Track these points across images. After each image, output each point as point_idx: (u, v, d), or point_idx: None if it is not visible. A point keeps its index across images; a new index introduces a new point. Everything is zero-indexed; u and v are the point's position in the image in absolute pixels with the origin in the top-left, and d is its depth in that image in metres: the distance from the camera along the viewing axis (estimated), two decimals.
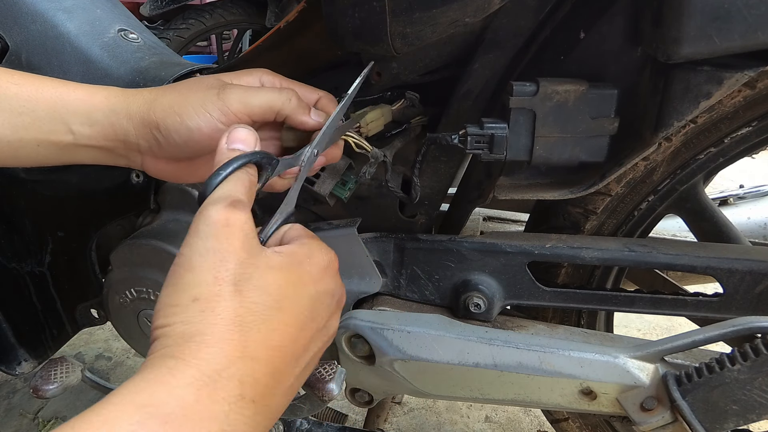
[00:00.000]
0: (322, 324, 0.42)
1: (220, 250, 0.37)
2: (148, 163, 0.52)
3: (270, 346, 0.36)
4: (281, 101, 0.49)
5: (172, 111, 0.48)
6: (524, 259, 0.62)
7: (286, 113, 0.50)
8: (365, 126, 0.57)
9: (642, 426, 0.57)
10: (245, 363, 0.35)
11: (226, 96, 0.48)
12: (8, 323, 0.81)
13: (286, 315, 0.38)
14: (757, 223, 1.01)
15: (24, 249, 0.78)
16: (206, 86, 0.49)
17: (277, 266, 0.39)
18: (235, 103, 0.48)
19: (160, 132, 0.48)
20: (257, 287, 0.37)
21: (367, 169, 0.59)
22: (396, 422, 1.27)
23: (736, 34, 0.41)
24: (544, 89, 0.51)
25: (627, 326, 1.61)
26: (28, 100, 0.48)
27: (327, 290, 0.42)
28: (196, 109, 0.47)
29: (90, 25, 0.69)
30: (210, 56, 4.12)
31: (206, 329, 0.35)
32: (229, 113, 0.47)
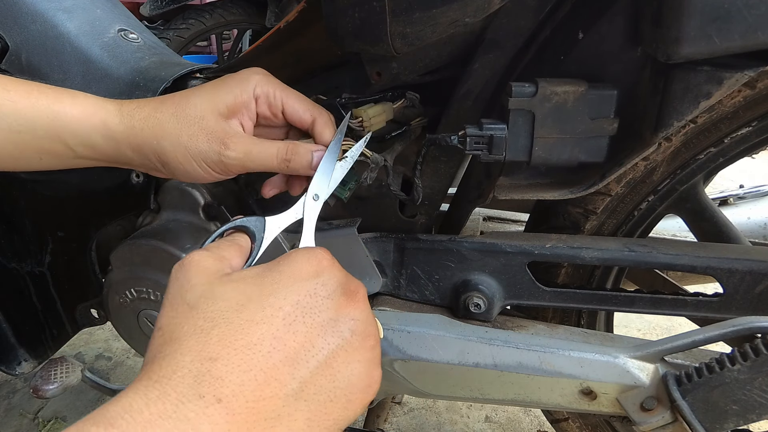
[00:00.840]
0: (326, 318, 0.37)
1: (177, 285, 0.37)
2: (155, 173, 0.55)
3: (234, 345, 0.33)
4: (278, 167, 0.52)
5: (176, 159, 0.50)
6: (524, 259, 0.62)
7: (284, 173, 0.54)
8: (368, 120, 0.57)
9: (642, 426, 0.57)
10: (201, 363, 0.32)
11: (227, 159, 0.50)
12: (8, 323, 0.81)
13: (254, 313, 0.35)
14: (757, 223, 1.01)
15: (24, 249, 0.78)
16: (207, 136, 0.50)
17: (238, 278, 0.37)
18: (234, 165, 0.50)
19: (165, 169, 0.52)
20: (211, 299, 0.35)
21: (368, 174, 0.59)
22: (396, 422, 1.27)
23: (736, 34, 0.41)
24: (543, 90, 0.51)
25: (627, 326, 1.61)
26: (26, 119, 0.48)
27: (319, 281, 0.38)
28: (199, 164, 0.50)
29: (90, 25, 0.69)
30: (210, 56, 4.12)
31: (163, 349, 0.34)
32: (227, 171, 0.51)
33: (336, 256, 0.67)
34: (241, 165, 0.50)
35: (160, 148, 0.50)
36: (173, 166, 0.50)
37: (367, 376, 0.37)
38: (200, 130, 0.50)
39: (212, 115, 0.50)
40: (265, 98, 0.52)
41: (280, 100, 0.53)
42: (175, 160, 0.50)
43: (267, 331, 0.34)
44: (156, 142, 0.50)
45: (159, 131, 0.50)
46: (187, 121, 0.50)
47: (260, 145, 0.51)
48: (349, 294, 0.39)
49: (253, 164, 0.51)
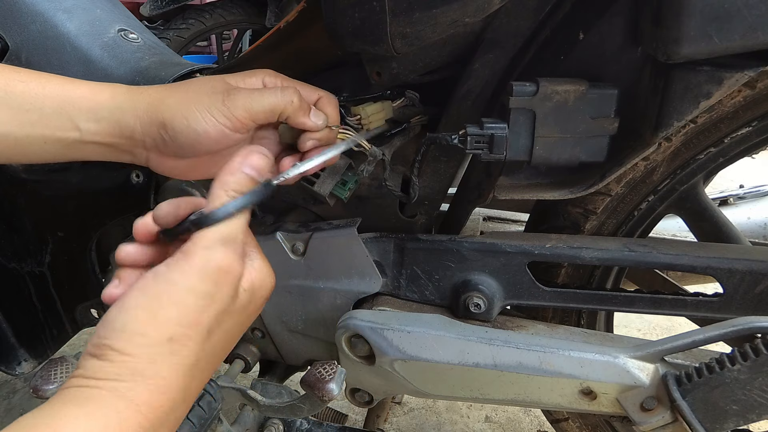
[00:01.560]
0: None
1: (213, 295, 0.37)
2: (153, 159, 0.53)
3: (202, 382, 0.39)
4: (283, 104, 0.50)
5: (180, 114, 0.49)
6: (524, 259, 0.62)
7: (288, 114, 0.51)
8: (366, 118, 0.57)
9: (642, 426, 0.57)
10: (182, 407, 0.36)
11: (231, 102, 0.49)
12: (8, 323, 0.81)
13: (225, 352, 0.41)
14: (757, 223, 1.01)
15: (24, 249, 0.78)
16: (212, 90, 0.50)
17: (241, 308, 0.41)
18: (239, 109, 0.49)
19: (167, 132, 0.49)
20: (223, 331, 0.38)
21: (365, 167, 0.59)
22: (396, 422, 1.27)
23: (736, 34, 0.41)
24: (543, 89, 0.51)
25: (627, 326, 1.61)
26: (35, 98, 0.48)
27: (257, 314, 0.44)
28: (202, 113, 0.48)
29: (90, 25, 0.69)
30: (210, 56, 4.12)
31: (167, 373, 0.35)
32: (233, 119, 0.49)
33: (336, 256, 0.67)
34: (245, 108, 0.49)
35: (164, 107, 0.49)
36: (177, 124, 0.48)
37: None
38: (205, 86, 0.50)
39: (219, 81, 0.51)
40: (272, 83, 0.54)
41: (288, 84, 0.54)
42: (178, 115, 0.48)
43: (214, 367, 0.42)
44: (160, 100, 0.49)
45: (165, 92, 0.50)
46: (193, 83, 0.51)
47: (263, 90, 0.51)
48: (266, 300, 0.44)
49: (257, 105, 0.49)
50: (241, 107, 0.49)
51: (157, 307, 0.36)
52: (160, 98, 0.50)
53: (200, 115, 0.48)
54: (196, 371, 0.37)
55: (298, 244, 0.67)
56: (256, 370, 0.86)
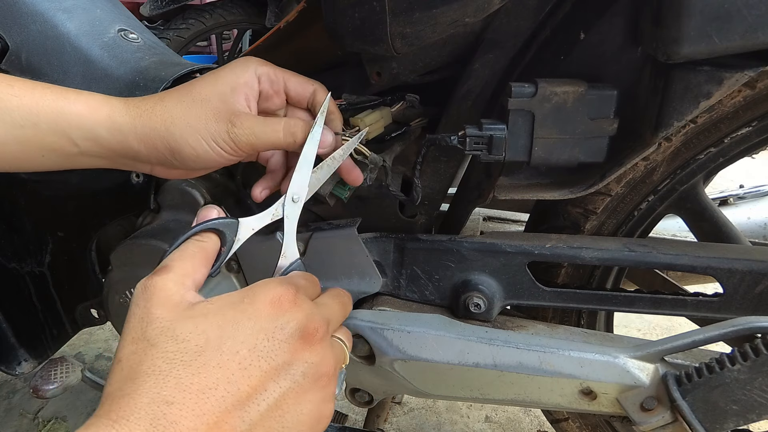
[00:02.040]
0: (281, 362, 0.38)
1: (139, 313, 0.38)
2: (157, 170, 0.54)
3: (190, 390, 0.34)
4: (285, 143, 0.52)
5: (186, 143, 0.50)
6: (524, 259, 0.62)
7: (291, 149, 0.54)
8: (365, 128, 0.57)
9: (642, 426, 0.57)
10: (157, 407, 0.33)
11: (236, 136, 0.50)
12: (8, 323, 0.81)
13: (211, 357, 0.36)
14: (757, 223, 1.01)
15: (24, 249, 0.78)
16: (215, 116, 0.50)
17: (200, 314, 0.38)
18: (243, 143, 0.51)
19: (174, 157, 0.51)
20: (172, 337, 0.36)
21: (368, 174, 0.59)
22: (396, 422, 1.27)
23: (736, 34, 0.41)
24: (542, 90, 0.51)
25: (627, 326, 1.61)
26: (30, 114, 0.47)
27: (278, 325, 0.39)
28: (209, 143, 0.50)
29: (90, 25, 0.69)
30: (210, 56, 4.12)
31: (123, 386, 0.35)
32: (237, 150, 0.51)
33: (336, 256, 0.67)
34: (249, 142, 0.51)
35: (168, 135, 0.50)
36: (184, 152, 0.50)
37: (317, 413, 0.39)
38: (207, 110, 0.50)
39: (217, 97, 0.51)
40: (266, 77, 0.54)
41: (281, 77, 0.55)
42: (186, 145, 0.50)
43: (222, 375, 0.35)
44: (164, 128, 0.50)
45: (167, 117, 0.50)
46: (193, 104, 0.50)
47: (266, 120, 0.52)
48: (306, 337, 0.40)
49: (261, 139, 0.51)
50: (245, 141, 0.51)
51: None
52: (163, 124, 0.50)
53: (207, 145, 0.50)
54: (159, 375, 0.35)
55: (298, 244, 0.67)
56: None
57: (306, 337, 0.39)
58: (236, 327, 0.37)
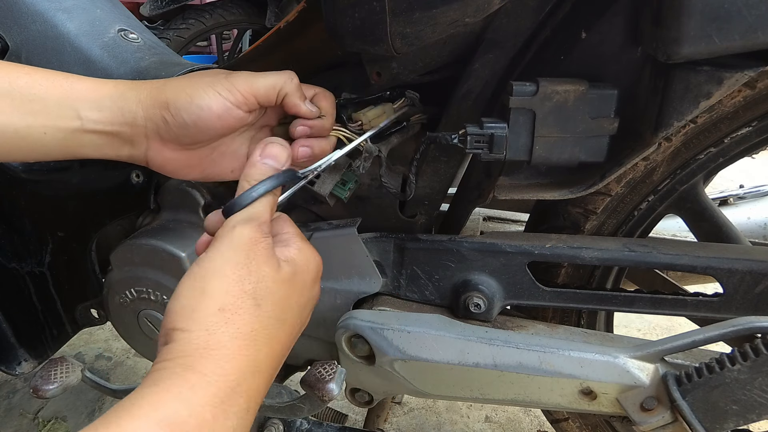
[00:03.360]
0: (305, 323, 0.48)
1: (249, 265, 0.41)
2: (153, 149, 0.53)
3: (274, 357, 0.41)
4: (282, 81, 0.52)
5: (183, 92, 0.50)
6: (524, 259, 0.62)
7: (286, 92, 0.53)
8: (367, 123, 0.57)
9: (642, 426, 0.57)
10: (254, 378, 0.39)
11: (233, 78, 0.51)
12: (8, 323, 0.81)
13: (288, 327, 0.44)
14: (757, 223, 1.01)
15: (24, 249, 0.78)
16: (214, 74, 0.52)
17: (287, 279, 0.44)
18: (242, 84, 0.50)
19: (169, 111, 0.50)
20: (272, 302, 0.42)
21: (361, 163, 0.58)
22: (396, 422, 1.27)
23: (736, 34, 0.41)
24: (543, 89, 0.51)
25: (627, 326, 1.61)
26: (39, 87, 0.49)
27: (315, 295, 0.49)
28: (205, 89, 0.50)
29: (90, 25, 0.69)
30: (210, 56, 4.11)
31: (227, 342, 0.38)
32: (236, 93, 0.50)
33: (336, 256, 0.67)
34: (247, 83, 0.50)
35: (167, 88, 0.51)
36: (181, 102, 0.50)
37: None
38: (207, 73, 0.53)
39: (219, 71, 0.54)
40: None
41: None
42: (182, 93, 0.50)
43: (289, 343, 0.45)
44: (164, 84, 0.51)
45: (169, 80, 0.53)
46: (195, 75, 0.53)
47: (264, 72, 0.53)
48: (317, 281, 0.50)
49: (259, 82, 0.51)
50: (243, 83, 0.51)
51: (201, 283, 0.40)
52: (163, 83, 0.52)
53: (203, 90, 0.50)
54: (259, 343, 0.40)
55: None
56: None
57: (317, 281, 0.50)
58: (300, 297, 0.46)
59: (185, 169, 0.55)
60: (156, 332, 0.72)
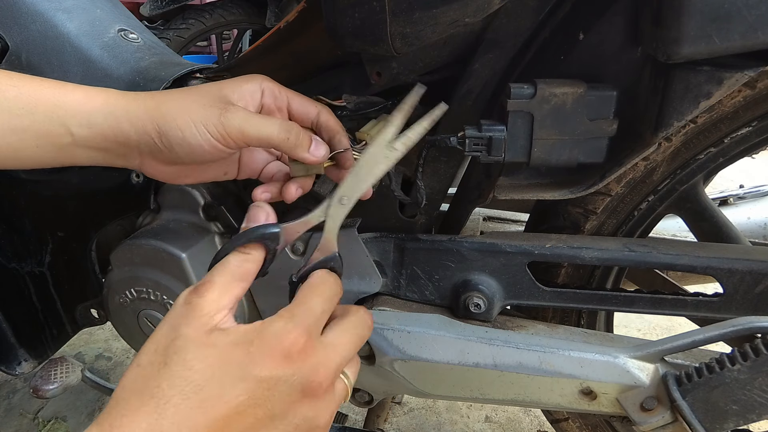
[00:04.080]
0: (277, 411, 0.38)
1: (171, 324, 0.40)
2: (147, 164, 0.53)
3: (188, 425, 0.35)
4: (278, 139, 0.49)
5: (175, 125, 0.49)
6: (524, 259, 0.62)
7: (283, 150, 0.51)
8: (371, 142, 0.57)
9: (642, 426, 0.57)
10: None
11: (227, 120, 0.48)
12: (8, 323, 0.81)
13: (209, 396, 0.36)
14: (757, 223, 1.01)
15: (24, 249, 0.78)
16: (209, 102, 0.49)
17: (214, 344, 0.38)
18: (234, 129, 0.49)
19: (161, 142, 0.49)
20: (183, 361, 0.37)
21: None
22: (396, 422, 1.27)
23: (736, 34, 0.41)
24: (541, 92, 0.51)
25: (627, 326, 1.61)
26: (27, 103, 0.48)
27: (282, 377, 0.38)
28: (198, 127, 0.48)
29: (90, 25, 0.69)
30: (210, 56, 4.11)
31: (132, 396, 0.36)
32: (227, 137, 0.49)
33: None
34: (240, 128, 0.48)
35: (159, 115, 0.49)
36: (171, 134, 0.49)
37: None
38: (203, 98, 0.50)
39: (217, 91, 0.51)
40: (270, 91, 0.53)
41: (284, 94, 0.54)
42: (174, 126, 0.48)
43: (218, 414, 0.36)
44: (156, 108, 0.49)
45: (161, 99, 0.50)
46: (191, 92, 0.51)
47: (262, 115, 0.51)
48: (308, 391, 0.40)
49: (253, 131, 0.49)
50: (236, 128, 0.48)
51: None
52: (155, 105, 0.49)
53: (195, 128, 0.48)
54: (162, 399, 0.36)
55: (298, 244, 0.67)
56: None
57: (308, 392, 0.40)
58: (241, 371, 0.38)
59: (180, 178, 0.55)
60: None
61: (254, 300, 0.73)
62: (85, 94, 0.50)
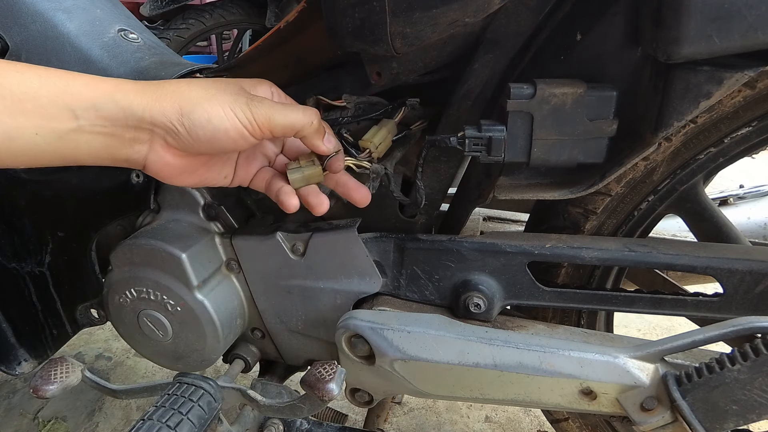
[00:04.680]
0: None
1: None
2: (155, 153, 0.51)
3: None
4: (302, 123, 0.51)
5: (201, 108, 0.48)
6: (524, 259, 0.62)
7: (304, 134, 0.52)
8: (375, 150, 0.58)
9: (642, 426, 0.57)
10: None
11: (255, 107, 0.49)
12: (8, 323, 0.81)
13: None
14: (757, 223, 1.01)
15: (24, 249, 0.78)
16: (235, 91, 0.50)
17: None
18: (261, 116, 0.49)
19: (183, 124, 0.48)
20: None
21: (371, 184, 0.59)
22: (396, 422, 1.27)
23: (736, 34, 0.41)
24: (541, 92, 0.51)
25: (627, 326, 1.61)
26: (30, 87, 0.45)
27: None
28: (225, 111, 0.48)
29: (90, 25, 0.69)
30: (210, 56, 4.11)
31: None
32: (254, 123, 0.49)
33: (336, 256, 0.67)
34: (267, 116, 0.49)
35: (181, 97, 0.48)
36: (196, 114, 0.48)
37: None
38: (227, 86, 0.50)
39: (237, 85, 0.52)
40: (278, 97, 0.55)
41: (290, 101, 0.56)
42: (200, 108, 0.48)
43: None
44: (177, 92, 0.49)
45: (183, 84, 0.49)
46: (213, 82, 0.51)
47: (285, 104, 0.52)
48: None
49: (279, 116, 0.50)
50: (263, 114, 0.49)
51: None
52: (176, 89, 0.49)
53: (223, 112, 0.48)
54: None
55: (298, 244, 0.67)
56: (256, 370, 0.86)
57: None
58: None
59: (182, 176, 0.54)
60: (156, 332, 0.72)
61: (254, 300, 0.73)
62: (93, 79, 0.49)
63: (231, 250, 0.71)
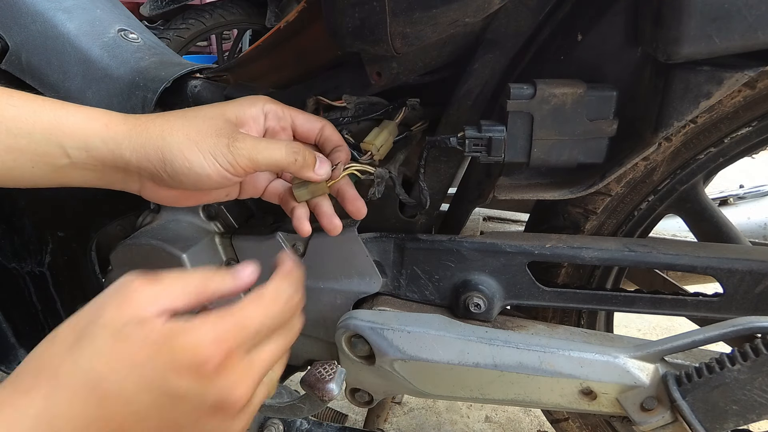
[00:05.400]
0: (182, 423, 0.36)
1: (101, 302, 0.37)
2: (148, 189, 0.52)
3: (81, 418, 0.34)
4: (287, 162, 0.50)
5: (182, 155, 0.48)
6: (524, 259, 0.62)
7: (291, 172, 0.52)
8: (376, 152, 0.58)
9: (642, 426, 0.57)
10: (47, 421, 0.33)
11: (236, 149, 0.48)
12: (8, 323, 0.82)
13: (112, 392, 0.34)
14: (757, 223, 1.01)
15: (24, 249, 0.79)
16: (215, 131, 0.49)
17: (127, 337, 0.35)
18: (243, 158, 0.49)
19: (166, 170, 0.49)
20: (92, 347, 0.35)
21: (376, 188, 0.59)
22: (396, 422, 1.28)
23: (736, 34, 0.41)
24: (541, 92, 0.51)
25: (627, 326, 1.61)
26: (25, 122, 0.47)
27: (188, 392, 0.35)
28: (206, 156, 0.48)
29: (90, 25, 0.69)
30: (210, 56, 4.12)
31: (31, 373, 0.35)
32: (236, 166, 0.49)
33: (336, 256, 0.67)
34: (249, 157, 0.48)
35: (164, 143, 0.48)
36: (176, 163, 0.48)
37: None
38: (209, 126, 0.49)
39: (221, 119, 0.50)
40: (273, 113, 0.54)
41: (288, 114, 0.55)
42: (179, 155, 0.48)
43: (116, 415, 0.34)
44: (160, 137, 0.48)
45: (166, 127, 0.49)
46: (195, 119, 0.50)
47: (268, 140, 0.51)
48: (220, 409, 0.37)
49: (261, 157, 0.49)
50: (245, 156, 0.48)
51: None
52: (160, 134, 0.49)
53: (203, 158, 0.48)
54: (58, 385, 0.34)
55: (298, 244, 0.67)
56: None
57: (219, 409, 0.37)
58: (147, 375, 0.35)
59: (180, 201, 0.54)
60: None
61: None
62: (86, 116, 0.49)
63: (231, 250, 0.71)
